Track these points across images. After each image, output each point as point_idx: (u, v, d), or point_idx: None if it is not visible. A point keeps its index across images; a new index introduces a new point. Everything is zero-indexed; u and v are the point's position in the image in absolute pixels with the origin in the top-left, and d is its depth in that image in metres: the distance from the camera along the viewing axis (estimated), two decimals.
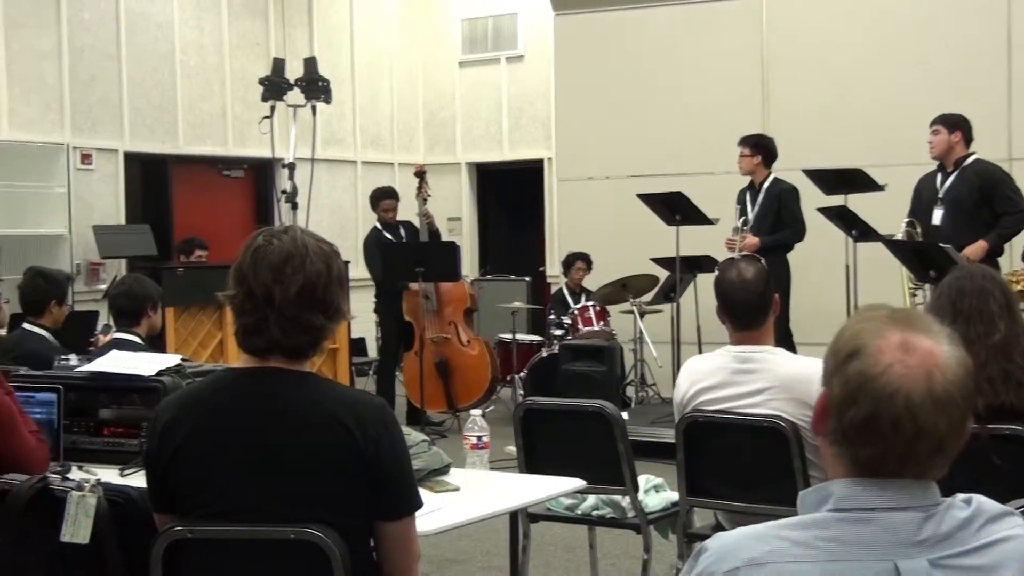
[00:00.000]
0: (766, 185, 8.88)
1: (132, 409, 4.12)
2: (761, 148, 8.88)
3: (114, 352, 4.50)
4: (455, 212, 14.70)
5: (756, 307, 4.11)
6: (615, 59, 10.97)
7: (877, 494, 1.64)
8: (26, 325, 5.89)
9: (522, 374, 10.09)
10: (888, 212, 8.43)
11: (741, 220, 8.78)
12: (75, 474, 3.46)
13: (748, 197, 8.94)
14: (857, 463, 1.65)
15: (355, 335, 11.27)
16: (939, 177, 8.04)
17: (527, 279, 13.37)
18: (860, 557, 1.61)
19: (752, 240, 8.66)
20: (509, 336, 10.45)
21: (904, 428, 1.62)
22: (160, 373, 4.12)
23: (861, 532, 1.62)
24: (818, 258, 8.88)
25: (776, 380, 4.05)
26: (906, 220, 8.06)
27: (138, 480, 3.43)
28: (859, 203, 8.48)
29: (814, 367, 3.97)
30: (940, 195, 7.99)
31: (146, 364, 4.21)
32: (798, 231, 8.83)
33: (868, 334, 1.67)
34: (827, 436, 1.70)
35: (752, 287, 4.10)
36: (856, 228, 8.38)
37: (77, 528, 3.03)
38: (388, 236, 10.22)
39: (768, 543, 1.63)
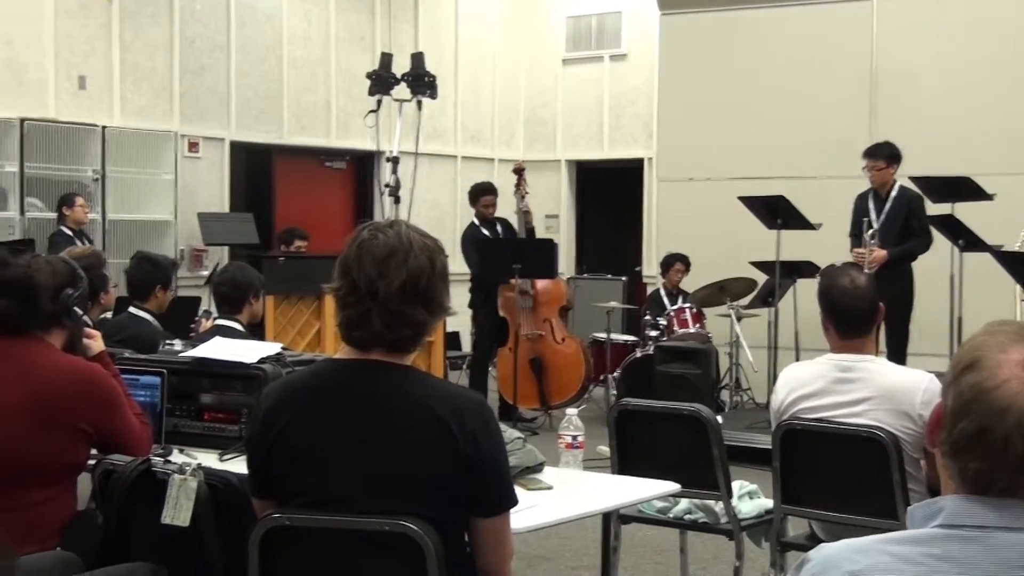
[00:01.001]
0: (894, 193, 8.66)
1: (233, 395, 4.17)
2: (895, 159, 8.62)
3: (217, 339, 4.56)
4: (553, 210, 14.70)
5: (865, 316, 4.05)
6: (720, 60, 10.89)
7: (988, 512, 1.60)
8: (132, 309, 5.98)
9: (615, 374, 10.06)
10: (997, 222, 8.27)
11: (869, 232, 8.54)
12: (176, 457, 3.51)
13: (872, 205, 8.69)
14: (965, 478, 1.62)
15: (450, 329, 11.33)
16: None
17: (623, 279, 13.33)
18: None
19: (880, 254, 8.39)
20: (604, 335, 10.42)
21: (1015, 445, 1.58)
22: (261, 361, 4.17)
23: (968, 551, 1.58)
24: (922, 268, 8.70)
25: (878, 390, 3.98)
26: None
27: (237, 466, 3.48)
28: (967, 212, 8.33)
29: (918, 378, 3.94)
30: None
31: (248, 351, 4.25)
32: (926, 241, 8.57)
33: (989, 347, 1.64)
34: (939, 447, 1.67)
35: (863, 295, 4.04)
36: (963, 238, 8.23)
37: (178, 511, 3.08)
38: (485, 232, 10.25)
39: (871, 556, 1.61)
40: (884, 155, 8.63)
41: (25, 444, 3.38)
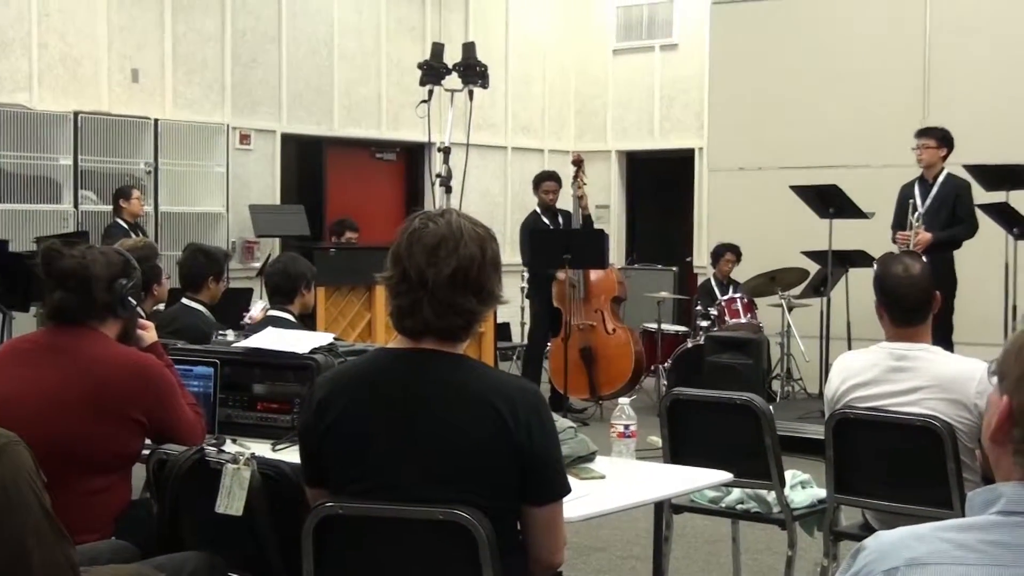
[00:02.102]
0: (940, 179, 8.57)
1: (285, 385, 4.19)
2: (947, 141, 8.56)
3: (269, 329, 4.59)
4: (603, 200, 14.65)
5: (920, 303, 4.02)
6: (771, 49, 10.81)
7: None
8: (184, 300, 6.02)
9: (666, 364, 10.03)
10: None
11: (915, 215, 8.47)
12: (229, 447, 3.53)
13: (918, 191, 8.59)
14: None
15: (500, 320, 11.33)
16: None
17: (674, 269, 13.28)
18: None
19: (925, 236, 8.34)
20: (654, 325, 10.39)
21: None
22: (313, 351, 4.18)
23: None
24: (976, 256, 8.60)
25: (933, 379, 3.95)
26: None
27: (290, 455, 3.50)
28: (1022, 200, 8.23)
29: (973, 367, 3.90)
30: None
31: (300, 342, 4.28)
32: (971, 227, 8.49)
33: None
34: (1011, 445, 1.63)
35: (918, 283, 4.00)
36: (1017, 226, 8.15)
37: (232, 500, 3.10)
38: (545, 221, 10.26)
39: (929, 544, 1.59)
40: (936, 136, 8.55)
41: (81, 434, 3.41)
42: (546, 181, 10.37)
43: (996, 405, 1.67)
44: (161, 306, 6.24)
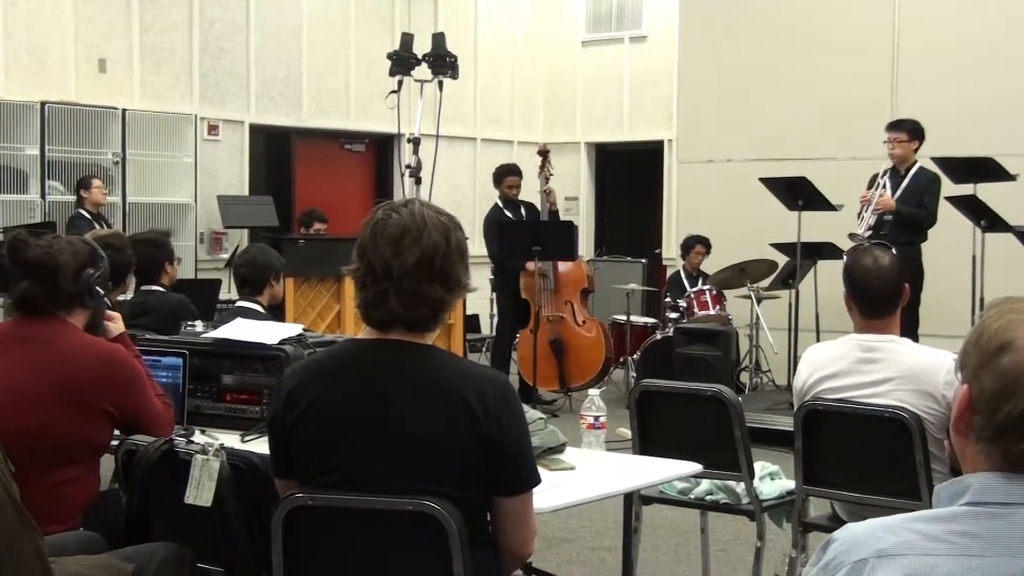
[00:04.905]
0: (912, 172, 8.57)
1: (254, 376, 4.19)
2: (918, 134, 8.58)
3: (238, 320, 4.57)
4: (572, 192, 14.67)
5: (889, 295, 4.03)
6: (740, 41, 10.84)
7: (1014, 488, 1.59)
8: (143, 287, 5.97)
9: (635, 356, 10.05)
10: (1019, 202, 8.22)
11: (881, 183, 8.49)
12: (198, 438, 3.52)
13: (890, 181, 8.56)
14: (1008, 459, 1.60)
15: (469, 312, 11.32)
16: None
17: (643, 261, 13.31)
18: (995, 553, 1.55)
19: (890, 201, 8.40)
20: (623, 317, 10.41)
21: None
22: (282, 342, 4.18)
23: (996, 527, 1.57)
24: (944, 248, 8.65)
25: (901, 371, 3.97)
26: None
27: (259, 446, 3.49)
28: (989, 193, 8.28)
29: (942, 359, 3.92)
30: None
31: (269, 333, 4.27)
32: (932, 217, 8.49)
33: (1018, 326, 1.62)
34: (972, 433, 1.65)
35: (887, 275, 4.01)
36: (985, 218, 8.20)
37: (201, 491, 3.09)
38: (508, 214, 10.24)
39: (899, 535, 1.60)
40: (907, 128, 8.58)
41: (49, 425, 3.39)
42: (509, 176, 10.34)
43: (959, 397, 1.68)
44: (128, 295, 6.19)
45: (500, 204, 10.33)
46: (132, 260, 5.39)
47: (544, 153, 10.44)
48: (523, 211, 10.33)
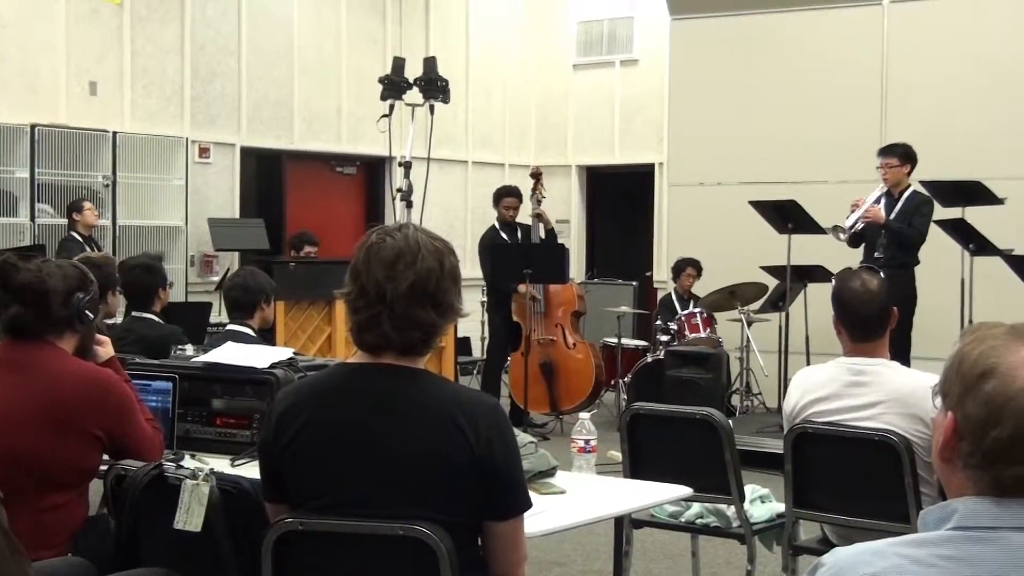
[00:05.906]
0: (906, 194, 8.56)
1: (245, 400, 4.18)
2: (910, 157, 8.58)
3: (229, 344, 4.57)
4: (564, 215, 14.68)
5: (877, 319, 4.05)
6: (731, 65, 10.88)
7: (1000, 512, 1.59)
8: (135, 313, 5.96)
9: (626, 379, 10.05)
10: (1008, 226, 8.24)
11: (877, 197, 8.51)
12: (188, 463, 3.52)
13: (884, 203, 8.56)
14: (1004, 485, 1.61)
15: (460, 335, 11.32)
16: None
17: (634, 283, 13.31)
18: None
19: (879, 212, 8.39)
20: (614, 340, 10.41)
21: None
22: (273, 366, 4.17)
23: (981, 552, 1.57)
24: (933, 272, 8.65)
25: (890, 394, 3.98)
26: None
27: (249, 471, 3.48)
28: (977, 216, 8.31)
29: (930, 382, 3.91)
30: None
31: (260, 356, 4.26)
32: (921, 236, 8.47)
33: (999, 352, 1.63)
34: (959, 460, 1.65)
35: (875, 298, 4.03)
36: (973, 242, 8.21)
37: (190, 516, 3.08)
38: (504, 236, 10.25)
39: (886, 559, 1.60)
40: (898, 153, 8.59)
41: (38, 449, 3.38)
42: (507, 197, 10.35)
43: (941, 425, 1.68)
44: (117, 319, 6.19)
45: (497, 225, 10.35)
46: (115, 279, 5.37)
47: (536, 176, 10.44)
48: (519, 233, 10.33)
